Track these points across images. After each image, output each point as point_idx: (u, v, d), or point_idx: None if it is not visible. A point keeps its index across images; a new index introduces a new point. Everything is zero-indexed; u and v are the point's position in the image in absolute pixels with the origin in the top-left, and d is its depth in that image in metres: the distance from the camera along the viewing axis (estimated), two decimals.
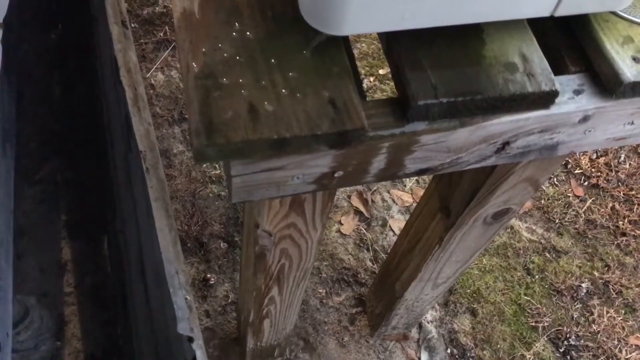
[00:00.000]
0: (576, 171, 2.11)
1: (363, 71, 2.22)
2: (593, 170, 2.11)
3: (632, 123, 0.79)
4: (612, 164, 2.14)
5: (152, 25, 2.22)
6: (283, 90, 0.64)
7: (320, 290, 1.80)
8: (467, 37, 0.71)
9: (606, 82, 0.73)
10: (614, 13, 0.75)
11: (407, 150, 0.72)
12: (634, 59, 0.72)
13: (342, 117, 0.64)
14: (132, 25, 2.20)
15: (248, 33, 0.68)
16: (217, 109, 0.62)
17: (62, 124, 1.97)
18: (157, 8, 2.26)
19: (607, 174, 2.11)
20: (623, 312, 1.87)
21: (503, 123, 0.72)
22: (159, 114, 2.03)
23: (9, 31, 1.30)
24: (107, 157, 1.70)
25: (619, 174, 2.12)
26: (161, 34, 2.20)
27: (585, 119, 0.75)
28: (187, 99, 0.64)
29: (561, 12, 0.68)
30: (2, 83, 1.44)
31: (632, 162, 2.15)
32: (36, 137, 1.93)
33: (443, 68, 0.69)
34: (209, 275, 1.77)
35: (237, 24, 0.68)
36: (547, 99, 0.71)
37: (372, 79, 2.21)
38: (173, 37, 2.19)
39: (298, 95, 0.64)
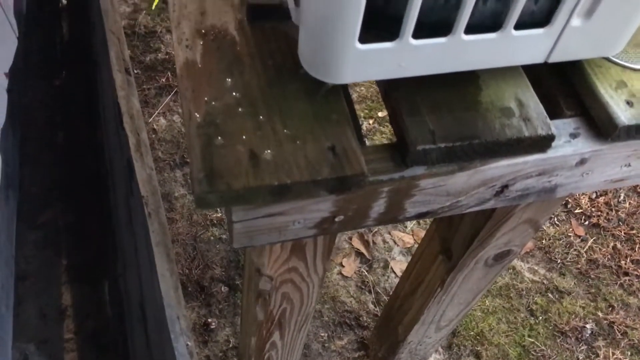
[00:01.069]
0: (576, 211, 2.11)
1: (362, 114, 2.25)
2: (593, 209, 2.12)
3: (629, 165, 0.80)
4: (612, 203, 2.14)
5: (154, 71, 2.26)
6: (283, 138, 0.65)
7: (322, 334, 1.78)
8: (464, 83, 0.72)
9: (601, 126, 0.74)
10: (607, 58, 0.76)
11: (406, 194, 0.73)
12: (628, 102, 0.73)
13: (342, 163, 0.65)
14: (135, 71, 2.24)
15: (249, 82, 0.69)
16: (218, 156, 0.63)
17: (65, 168, 1.98)
18: (159, 54, 2.31)
19: (608, 213, 2.11)
20: (629, 353, 1.84)
21: (501, 167, 0.73)
22: (161, 158, 2.05)
23: (15, 79, 1.32)
24: (108, 201, 1.71)
25: (619, 213, 2.12)
26: (163, 80, 2.23)
27: (582, 161, 0.76)
28: (189, 146, 0.65)
29: (555, 58, 0.70)
30: (7, 129, 1.46)
31: (632, 202, 2.16)
32: (39, 182, 1.94)
33: (440, 113, 0.70)
34: (209, 320, 1.75)
35: (238, 73, 0.70)
36: (543, 142, 0.72)
37: (371, 121, 2.23)
38: (175, 82, 2.22)
39: (298, 142, 0.65)
